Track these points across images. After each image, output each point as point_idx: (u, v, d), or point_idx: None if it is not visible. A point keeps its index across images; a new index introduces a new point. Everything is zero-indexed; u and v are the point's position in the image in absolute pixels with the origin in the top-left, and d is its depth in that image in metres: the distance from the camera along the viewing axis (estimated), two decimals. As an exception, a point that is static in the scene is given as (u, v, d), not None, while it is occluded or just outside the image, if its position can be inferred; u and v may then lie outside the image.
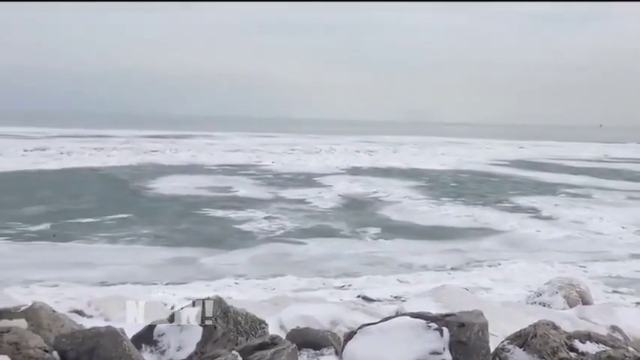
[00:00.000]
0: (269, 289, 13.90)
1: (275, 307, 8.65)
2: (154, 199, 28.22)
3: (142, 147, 63.15)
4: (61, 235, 19.63)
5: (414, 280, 15.27)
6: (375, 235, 21.18)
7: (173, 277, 15.11)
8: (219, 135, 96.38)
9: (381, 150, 69.86)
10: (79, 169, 41.23)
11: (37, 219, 21.95)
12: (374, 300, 12.91)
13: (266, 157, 54.99)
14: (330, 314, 7.39)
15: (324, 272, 16.00)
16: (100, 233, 20.08)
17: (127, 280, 14.55)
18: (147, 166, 43.93)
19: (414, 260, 17.64)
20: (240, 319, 5.29)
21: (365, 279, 15.30)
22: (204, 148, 65.06)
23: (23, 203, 25.46)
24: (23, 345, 3.92)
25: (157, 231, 20.77)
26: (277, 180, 37.37)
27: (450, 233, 21.99)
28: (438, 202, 29.20)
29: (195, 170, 41.82)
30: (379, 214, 25.78)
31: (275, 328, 6.59)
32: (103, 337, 4.24)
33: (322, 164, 48.85)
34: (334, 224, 23.00)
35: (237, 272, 15.78)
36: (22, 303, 5.91)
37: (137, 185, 32.95)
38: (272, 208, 25.91)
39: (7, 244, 18.25)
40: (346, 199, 29.74)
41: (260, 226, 22.01)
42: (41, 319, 4.90)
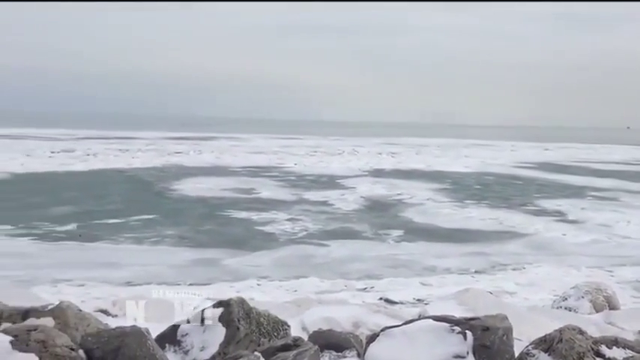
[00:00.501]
0: (291, 291, 13.92)
1: (297, 309, 8.65)
2: (178, 201, 28.49)
3: (167, 148, 63.82)
4: (88, 235, 19.93)
5: (437, 283, 15.16)
6: (397, 238, 21.09)
7: (197, 277, 15.22)
8: (243, 137, 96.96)
9: (403, 152, 69.56)
10: (104, 170, 41.83)
11: (64, 219, 22.32)
12: (396, 302, 12.84)
13: (289, 158, 55.14)
14: (353, 316, 7.38)
15: (347, 274, 15.98)
16: (126, 234, 20.33)
17: (152, 281, 14.70)
18: (171, 168, 44.37)
19: (437, 263, 17.52)
20: (263, 320, 5.32)
21: (387, 281, 15.24)
22: (227, 149, 65.51)
23: (51, 204, 25.92)
24: (50, 343, 3.99)
25: (181, 232, 20.96)
26: (300, 182, 37.43)
27: (473, 236, 21.79)
28: (462, 205, 28.96)
29: (218, 172, 42.10)
30: (402, 216, 25.66)
31: (297, 329, 6.60)
32: (128, 336, 4.30)
33: (345, 166, 48.80)
34: (357, 226, 22.96)
35: (260, 274, 15.84)
36: (50, 302, 6.01)
37: (162, 186, 33.30)
38: (295, 210, 25.97)
39: (35, 244, 18.59)
40: (369, 201, 29.67)
41: (283, 228, 22.07)
42: (68, 318, 4.99)
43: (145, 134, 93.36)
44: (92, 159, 49.39)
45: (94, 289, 13.49)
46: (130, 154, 55.39)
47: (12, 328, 4.28)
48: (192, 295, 13.32)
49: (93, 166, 44.10)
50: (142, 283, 14.52)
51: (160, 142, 75.75)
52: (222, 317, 5.10)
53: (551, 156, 69.15)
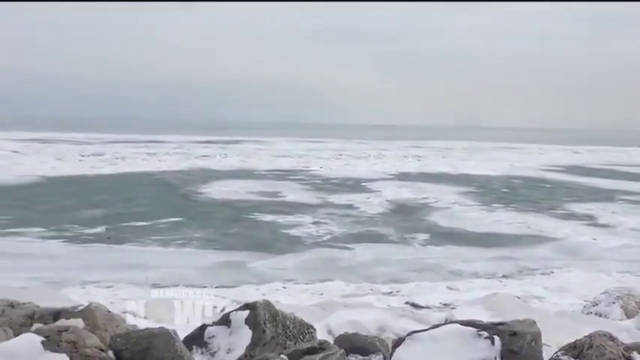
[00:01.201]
0: (317, 294, 13.94)
1: (323, 312, 8.65)
2: (204, 204, 28.74)
3: (193, 152, 64.49)
4: (116, 237, 20.24)
5: (463, 288, 15.03)
6: (423, 241, 20.96)
7: (223, 280, 15.35)
8: (268, 140, 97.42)
9: (429, 155, 69.14)
10: (132, 173, 42.44)
11: (93, 222, 22.70)
12: (422, 307, 12.77)
13: (314, 162, 55.23)
14: (378, 320, 7.35)
15: (372, 278, 15.95)
16: (153, 236, 20.59)
17: (179, 283, 14.84)
18: (198, 171, 44.80)
19: (463, 267, 17.37)
20: (289, 323, 5.33)
21: (413, 285, 15.16)
22: (253, 153, 65.91)
23: (81, 207, 26.38)
24: (80, 344, 4.05)
25: (207, 235, 21.14)
26: (325, 185, 37.47)
27: (501, 240, 21.55)
28: (489, 209, 28.67)
29: (244, 175, 42.38)
30: (428, 220, 25.50)
31: (323, 332, 6.60)
32: (156, 337, 4.34)
33: (370, 169, 48.69)
34: (382, 230, 22.89)
35: (286, 277, 15.90)
36: (79, 303, 6.12)
37: (188, 189, 33.64)
38: (320, 213, 25.99)
39: (65, 246, 18.94)
40: (394, 204, 29.55)
41: (308, 231, 22.11)
42: (97, 319, 5.07)
43: (172, 138, 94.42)
44: (121, 162, 50.15)
45: (122, 290, 13.69)
46: (157, 157, 56.10)
47: (44, 328, 4.37)
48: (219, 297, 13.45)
49: (121, 169, 44.79)
50: (169, 285, 14.68)
51: (187, 145, 76.57)
52: (249, 320, 5.12)
53: (580, 159, 68.02)
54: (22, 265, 16.15)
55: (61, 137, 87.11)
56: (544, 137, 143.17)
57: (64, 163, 47.51)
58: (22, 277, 14.46)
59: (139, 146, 72.10)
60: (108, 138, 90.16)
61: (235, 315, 5.23)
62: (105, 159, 52.72)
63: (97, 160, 51.92)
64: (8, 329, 4.72)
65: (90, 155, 56.03)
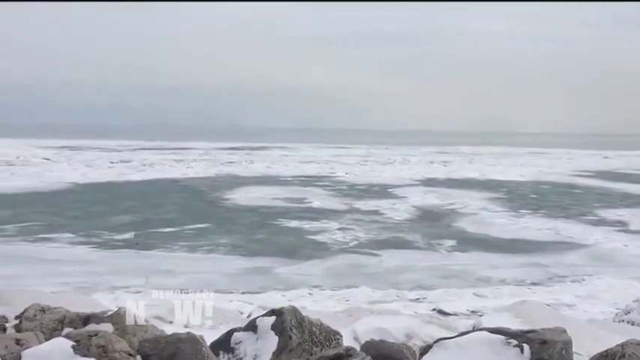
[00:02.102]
0: (343, 300, 13.90)
1: (349, 319, 8.62)
2: (231, 210, 28.93)
3: (219, 158, 65.04)
4: (144, 243, 20.50)
5: (491, 295, 14.84)
6: (450, 248, 20.78)
7: (249, 286, 15.42)
8: (293, 146, 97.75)
9: (456, 161, 68.59)
10: (160, 180, 42.96)
11: (122, 228, 23.03)
12: (450, 314, 12.63)
13: (339, 168, 55.21)
14: (405, 327, 7.28)
15: (399, 284, 15.85)
16: (180, 242, 20.80)
17: (206, 288, 14.92)
18: (224, 177, 45.15)
19: (491, 274, 17.16)
20: (315, 329, 5.31)
21: (440, 292, 15.03)
22: (278, 159, 66.18)
23: (110, 213, 26.80)
24: (110, 348, 4.10)
25: (234, 241, 21.27)
26: (351, 191, 37.41)
27: (530, 247, 21.24)
28: (517, 215, 28.30)
29: (270, 181, 42.56)
30: (455, 226, 25.27)
31: (349, 339, 6.57)
32: (184, 342, 4.37)
33: (396, 175, 48.48)
34: (408, 236, 22.76)
35: (312, 283, 15.90)
36: (109, 308, 6.20)
37: (215, 196, 33.91)
38: (346, 219, 25.96)
39: (95, 252, 19.24)
40: (421, 210, 29.36)
41: (334, 237, 22.10)
42: (126, 324, 5.12)
43: (199, 144, 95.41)
44: (148, 169, 50.82)
45: (150, 296, 13.81)
46: (184, 164, 56.71)
47: (74, 333, 4.43)
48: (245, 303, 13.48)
49: (149, 175, 45.37)
50: (196, 290, 14.78)
51: (213, 152, 77.27)
52: (275, 326, 5.12)
53: (610, 164, 66.74)
54: (53, 270, 16.44)
55: (90, 144, 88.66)
56: (572, 142, 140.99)
57: (94, 170, 48.33)
58: (53, 283, 14.72)
59: (166, 153, 72.98)
60: (136, 145, 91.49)
61: (262, 321, 5.23)
62: (133, 166, 53.48)
63: (126, 166, 52.70)
64: (40, 333, 4.80)
65: (118, 162, 56.92)
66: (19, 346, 4.47)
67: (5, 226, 22.96)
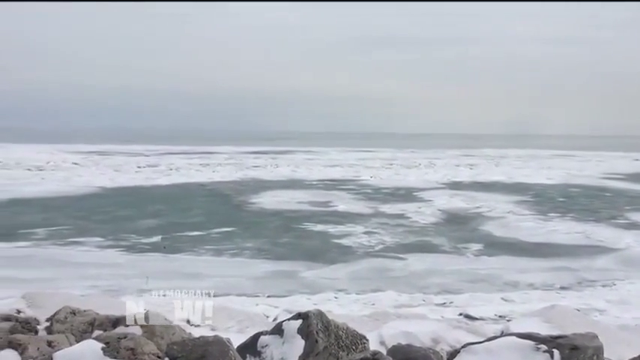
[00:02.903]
0: (369, 304, 13.84)
1: (375, 323, 8.60)
2: (256, 213, 29.06)
3: (245, 162, 65.46)
4: (171, 247, 20.71)
5: (519, 299, 14.63)
6: (477, 252, 20.57)
7: (275, 289, 15.45)
8: (318, 150, 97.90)
9: (482, 164, 67.91)
10: (186, 184, 43.38)
11: (149, 231, 23.30)
12: (477, 318, 12.48)
13: (364, 171, 55.10)
14: (432, 331, 7.24)
15: (425, 288, 15.73)
16: (207, 246, 20.96)
17: (232, 292, 15.05)
18: (249, 181, 45.40)
19: (519, 278, 16.93)
20: (341, 333, 5.31)
21: (467, 296, 14.87)
22: (303, 163, 66.31)
23: (138, 217, 27.15)
24: (139, 351, 4.16)
25: (259, 244, 21.36)
26: (376, 194, 37.30)
27: (558, 250, 20.91)
28: (546, 218, 27.89)
29: (295, 185, 42.66)
30: (481, 229, 25.01)
31: (375, 343, 6.56)
32: (211, 345, 4.41)
33: (421, 179, 48.20)
34: (434, 239, 22.59)
35: (337, 286, 15.87)
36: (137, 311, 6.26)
37: (240, 200, 34.11)
38: (371, 223, 25.88)
39: (123, 255, 19.49)
40: (447, 214, 29.13)
41: (359, 241, 22.04)
42: (154, 326, 5.18)
43: (224, 149, 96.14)
44: (175, 173, 51.36)
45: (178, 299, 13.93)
46: (210, 168, 57.19)
47: (103, 335, 4.50)
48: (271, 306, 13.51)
49: (176, 180, 45.85)
50: (223, 294, 14.88)
51: (238, 156, 77.77)
52: (301, 329, 5.13)
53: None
54: (82, 273, 16.71)
55: (118, 149, 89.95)
56: (601, 144, 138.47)
57: (121, 175, 49.02)
58: (83, 285, 14.96)
59: (193, 157, 73.69)
60: (162, 149, 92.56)
61: (288, 324, 5.25)
62: (160, 170, 54.12)
63: (153, 171, 53.34)
64: (70, 335, 4.89)
65: (146, 166, 57.63)
66: (50, 347, 4.56)
67: (36, 229, 23.43)
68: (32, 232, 22.85)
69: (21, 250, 20.00)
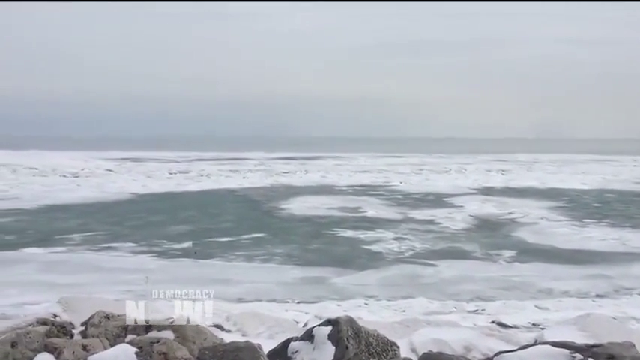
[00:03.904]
0: (399, 311, 13.73)
1: (406, 330, 8.52)
2: (286, 219, 29.16)
3: (274, 168, 65.82)
4: (202, 252, 20.90)
5: (554, 307, 14.34)
6: (509, 258, 20.26)
7: (305, 295, 15.45)
8: (347, 155, 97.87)
9: (514, 169, 66.99)
10: (217, 190, 43.79)
11: (181, 237, 23.58)
12: (510, 326, 12.26)
13: (394, 177, 54.87)
14: (464, 339, 7.15)
15: (456, 295, 15.54)
16: (237, 252, 21.10)
17: (262, 298, 15.11)
18: (279, 187, 45.60)
19: (553, 285, 16.61)
20: (372, 339, 5.29)
21: (500, 304, 14.63)
22: (333, 169, 66.37)
23: (169, 222, 27.50)
24: (171, 355, 4.21)
25: (289, 250, 21.41)
26: (406, 200, 37.09)
27: (594, 257, 20.46)
28: (580, 224, 27.34)
29: (324, 191, 42.69)
30: (514, 235, 24.63)
31: (406, 350, 6.50)
32: (242, 351, 4.44)
33: (452, 184, 47.77)
34: (466, 246, 22.34)
35: (367, 293, 15.79)
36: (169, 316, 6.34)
37: (270, 206, 34.28)
38: (401, 229, 25.73)
39: (155, 261, 19.75)
40: (478, 220, 28.78)
41: (389, 247, 21.93)
42: (186, 331, 5.24)
43: (254, 155, 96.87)
44: (205, 180, 51.93)
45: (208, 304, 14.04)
46: (240, 174, 57.66)
47: (137, 339, 4.57)
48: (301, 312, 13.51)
49: (206, 186, 46.35)
50: (253, 299, 14.96)
51: (268, 162, 78.27)
52: (332, 335, 5.13)
53: (680, 171, 63.65)
54: (116, 278, 16.97)
55: (150, 156, 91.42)
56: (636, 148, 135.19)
57: (154, 181, 49.77)
58: (116, 290, 15.18)
59: (223, 163, 74.41)
60: (193, 156, 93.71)
61: (318, 330, 5.26)
62: (191, 176, 54.80)
63: (184, 177, 54.04)
64: (104, 339, 4.97)
65: (177, 173, 58.43)
66: (85, 351, 4.65)
67: (72, 235, 23.93)
68: (68, 238, 23.34)
69: (57, 255, 20.43)
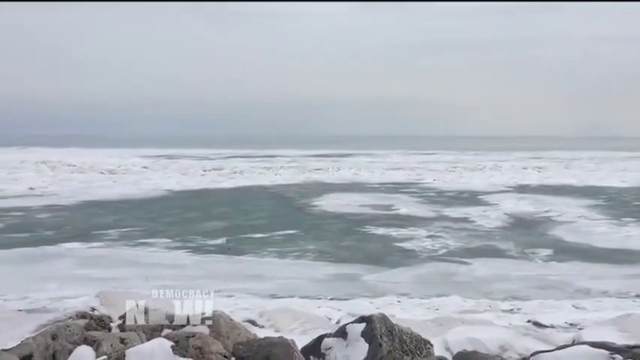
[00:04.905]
0: (432, 309, 13.62)
1: (439, 328, 8.46)
2: (318, 216, 29.21)
3: (307, 165, 65.96)
4: (236, 248, 21.10)
5: (592, 307, 14.03)
6: (546, 257, 19.89)
7: (337, 292, 15.46)
8: (380, 153, 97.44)
9: (551, 166, 65.72)
10: (250, 187, 44.13)
11: (214, 233, 23.84)
12: (547, 326, 12.03)
13: (427, 174, 54.42)
14: (499, 338, 7.06)
15: (491, 294, 15.34)
16: (270, 248, 21.23)
17: (295, 294, 15.17)
18: (311, 184, 45.69)
19: (592, 285, 16.25)
20: (406, 337, 5.25)
21: (536, 303, 14.38)
22: (365, 166, 66.16)
23: (203, 219, 27.84)
24: (206, 350, 4.26)
25: (321, 247, 21.45)
26: (439, 198, 36.76)
27: (634, 257, 19.94)
28: (620, 223, 26.66)
29: (357, 188, 42.61)
30: (550, 234, 24.18)
31: (440, 349, 6.45)
32: (276, 346, 4.46)
33: (486, 182, 47.13)
34: (501, 244, 22.02)
35: (400, 290, 15.71)
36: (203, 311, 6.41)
37: (302, 202, 34.38)
38: (434, 227, 25.51)
39: (190, 257, 20.02)
40: (513, 218, 28.34)
41: (422, 245, 21.77)
42: (221, 326, 5.28)
43: (286, 152, 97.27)
44: (239, 176, 52.38)
45: (242, 300, 14.19)
46: (272, 171, 57.98)
47: (172, 334, 4.63)
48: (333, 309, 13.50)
49: (240, 183, 46.75)
50: (286, 295, 15.03)
51: (301, 159, 78.47)
52: (365, 333, 5.11)
53: None
54: (152, 273, 17.24)
55: (184, 153, 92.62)
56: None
57: (188, 178, 50.42)
58: (152, 285, 15.41)
59: (256, 161, 74.95)
60: (227, 153, 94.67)
61: (352, 327, 5.24)
62: (224, 173, 55.34)
63: (217, 174, 54.61)
64: (142, 333, 5.05)
65: (211, 170, 59.08)
66: (123, 344, 4.74)
67: (109, 230, 24.43)
68: (105, 234, 23.84)
69: (95, 250, 20.89)
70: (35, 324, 5.41)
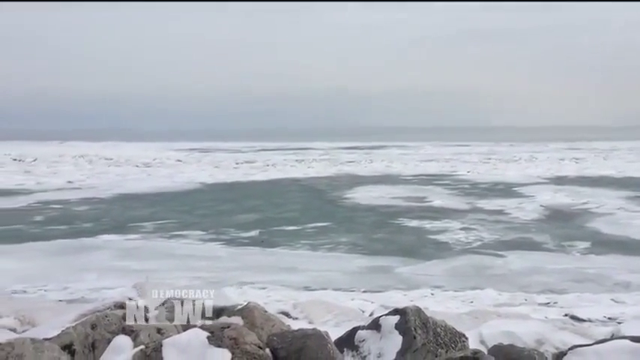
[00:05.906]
0: (467, 302, 13.48)
1: (474, 321, 8.37)
2: (351, 209, 29.18)
3: (339, 158, 65.92)
4: (269, 241, 21.25)
5: (631, 301, 13.69)
6: (583, 250, 19.49)
7: (370, 284, 15.43)
8: (412, 145, 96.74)
9: (589, 157, 64.30)
10: (282, 179, 44.35)
11: (248, 226, 24.05)
12: (584, 320, 11.79)
13: (461, 166, 53.85)
14: (535, 332, 6.94)
15: (527, 287, 15.11)
16: (302, 240, 21.31)
17: (328, 286, 15.19)
18: (343, 177, 45.67)
19: (631, 279, 15.85)
20: (440, 330, 5.20)
21: (573, 296, 14.11)
22: (397, 158, 65.80)
23: (236, 211, 28.10)
24: (241, 341, 4.29)
25: (354, 239, 21.43)
26: (473, 190, 36.34)
27: (675, 250, 19.39)
28: (660, 215, 25.95)
29: (389, 180, 42.41)
30: (588, 226, 23.67)
31: (475, 342, 6.38)
32: (310, 338, 4.47)
33: (522, 173, 46.39)
34: (536, 237, 21.65)
35: (434, 283, 15.60)
36: (238, 302, 6.48)
37: (335, 195, 34.39)
38: (469, 219, 25.23)
39: (224, 249, 20.24)
40: (550, 210, 27.83)
41: (456, 237, 21.56)
42: (255, 318, 5.32)
43: (319, 145, 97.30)
44: (271, 169, 52.69)
45: (275, 292, 14.28)
46: (305, 164, 58.14)
47: (207, 325, 4.68)
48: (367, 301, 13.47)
49: (272, 175, 47.02)
50: (319, 288, 15.07)
51: (333, 151, 78.46)
52: (399, 325, 5.08)
53: None
54: (186, 265, 17.52)
55: (217, 146, 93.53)
56: None
57: (221, 171, 50.94)
58: (187, 277, 15.68)
59: (288, 153, 75.22)
60: (259, 146, 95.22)
61: (385, 320, 5.21)
62: (257, 166, 55.72)
63: (250, 167, 55.03)
64: (178, 324, 5.12)
65: (243, 163, 59.55)
66: (160, 334, 4.82)
67: (144, 223, 24.86)
68: (141, 226, 24.27)
69: (131, 242, 21.28)
70: (75, 314, 5.53)
